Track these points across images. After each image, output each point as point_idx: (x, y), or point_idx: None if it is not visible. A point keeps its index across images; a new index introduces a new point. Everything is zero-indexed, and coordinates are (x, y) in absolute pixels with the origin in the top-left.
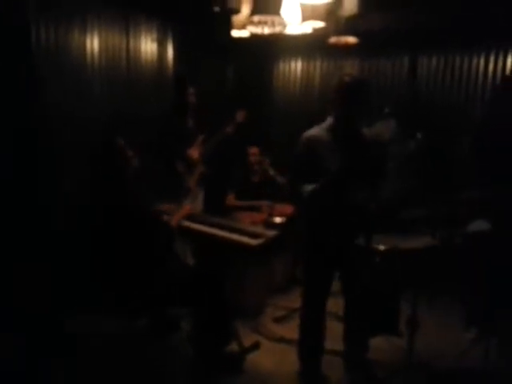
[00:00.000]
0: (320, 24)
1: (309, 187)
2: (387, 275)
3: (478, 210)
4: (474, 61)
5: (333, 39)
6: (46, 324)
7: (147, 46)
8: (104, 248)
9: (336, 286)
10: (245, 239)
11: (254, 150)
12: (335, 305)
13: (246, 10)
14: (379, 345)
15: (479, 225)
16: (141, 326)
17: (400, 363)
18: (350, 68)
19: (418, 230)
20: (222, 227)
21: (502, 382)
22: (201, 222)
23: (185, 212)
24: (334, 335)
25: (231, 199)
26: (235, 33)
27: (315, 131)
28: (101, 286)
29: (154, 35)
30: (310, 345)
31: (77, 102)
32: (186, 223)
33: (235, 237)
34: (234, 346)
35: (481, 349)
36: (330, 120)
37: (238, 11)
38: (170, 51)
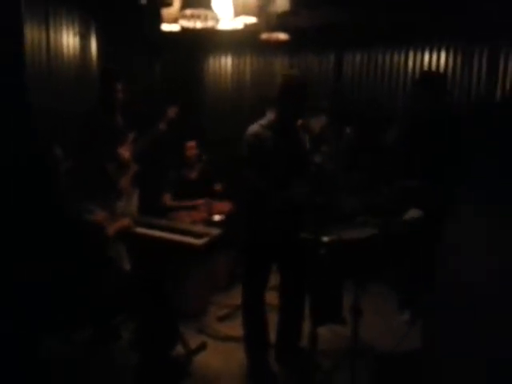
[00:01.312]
0: (252, 20)
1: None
2: (331, 266)
3: (409, 199)
4: (395, 57)
5: (264, 35)
6: None
7: (69, 39)
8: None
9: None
10: (189, 239)
11: (191, 143)
12: (275, 298)
13: (176, 3)
14: (323, 334)
15: (413, 213)
16: (81, 338)
17: (345, 350)
18: (280, 64)
19: (359, 221)
20: (162, 228)
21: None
22: (139, 224)
23: (123, 225)
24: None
25: (167, 199)
26: (166, 27)
27: (256, 128)
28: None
29: (76, 29)
30: (255, 340)
31: None
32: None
33: (178, 237)
34: (179, 349)
35: (417, 330)
36: (270, 116)
37: (169, 4)
38: (93, 45)
